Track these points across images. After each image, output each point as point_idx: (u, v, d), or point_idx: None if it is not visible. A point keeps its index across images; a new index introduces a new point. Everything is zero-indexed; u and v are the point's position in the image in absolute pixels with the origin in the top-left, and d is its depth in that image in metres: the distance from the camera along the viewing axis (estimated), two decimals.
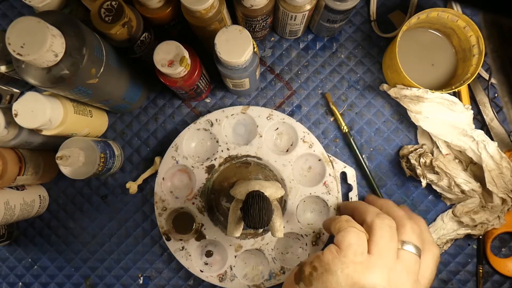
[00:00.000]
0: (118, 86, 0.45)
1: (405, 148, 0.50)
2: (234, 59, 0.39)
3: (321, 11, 0.45)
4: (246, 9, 0.43)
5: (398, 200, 0.51)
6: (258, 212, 0.38)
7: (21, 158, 0.46)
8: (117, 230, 0.53)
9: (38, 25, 0.32)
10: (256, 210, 0.38)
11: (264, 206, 0.38)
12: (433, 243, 0.40)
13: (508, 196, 0.46)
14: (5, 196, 0.45)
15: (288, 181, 0.48)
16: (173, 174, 0.50)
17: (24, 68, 0.35)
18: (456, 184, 0.47)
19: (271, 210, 0.39)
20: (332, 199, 0.48)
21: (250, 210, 0.38)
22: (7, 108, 0.41)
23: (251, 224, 0.38)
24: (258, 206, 0.38)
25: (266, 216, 0.38)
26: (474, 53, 0.46)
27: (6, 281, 0.53)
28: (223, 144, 0.49)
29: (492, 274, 0.50)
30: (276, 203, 0.43)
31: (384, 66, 0.52)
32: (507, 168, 0.46)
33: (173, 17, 0.44)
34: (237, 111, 0.49)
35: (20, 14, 0.55)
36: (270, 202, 0.39)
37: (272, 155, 0.49)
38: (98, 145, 0.46)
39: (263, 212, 0.38)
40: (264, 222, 0.38)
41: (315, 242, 0.48)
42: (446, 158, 0.48)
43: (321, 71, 0.53)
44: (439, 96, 0.45)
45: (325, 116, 0.52)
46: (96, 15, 0.38)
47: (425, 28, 0.50)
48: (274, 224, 0.41)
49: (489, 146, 0.46)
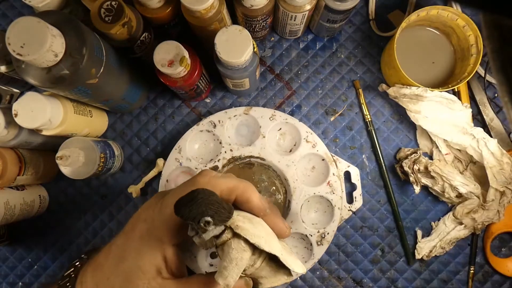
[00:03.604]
0: (118, 86, 0.45)
1: (402, 151, 0.50)
2: (234, 59, 0.39)
3: (321, 11, 0.45)
4: (246, 9, 0.43)
5: (398, 200, 0.51)
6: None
7: (21, 158, 0.46)
8: (117, 230, 0.53)
9: (38, 25, 0.32)
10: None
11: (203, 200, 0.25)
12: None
13: (508, 188, 0.46)
14: (5, 196, 0.45)
15: (292, 181, 0.48)
16: (177, 176, 0.50)
17: (24, 68, 0.35)
18: (453, 187, 0.47)
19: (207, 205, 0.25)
20: (336, 198, 0.48)
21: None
22: (7, 108, 0.41)
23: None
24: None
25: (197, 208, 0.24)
26: (472, 52, 0.46)
27: (6, 281, 0.53)
28: (226, 145, 0.49)
29: (492, 274, 0.50)
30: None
31: (382, 63, 0.52)
32: (508, 163, 0.46)
33: (173, 17, 0.44)
34: (239, 112, 0.49)
35: (20, 14, 0.55)
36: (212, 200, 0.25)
37: (276, 155, 0.49)
38: (98, 145, 0.46)
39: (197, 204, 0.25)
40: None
41: (320, 242, 0.48)
42: (441, 162, 0.48)
43: (321, 71, 0.53)
44: (438, 95, 0.45)
45: (325, 116, 0.52)
46: (96, 15, 0.38)
47: (424, 26, 0.50)
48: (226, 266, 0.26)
49: (490, 143, 0.46)
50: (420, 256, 0.50)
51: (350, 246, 0.51)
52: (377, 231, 0.51)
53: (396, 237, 0.51)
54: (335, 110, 0.52)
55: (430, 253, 0.49)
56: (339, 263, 0.51)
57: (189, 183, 0.29)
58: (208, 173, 0.30)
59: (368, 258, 0.51)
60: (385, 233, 0.51)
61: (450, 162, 0.49)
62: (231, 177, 0.31)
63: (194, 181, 0.29)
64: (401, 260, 0.51)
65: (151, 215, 0.29)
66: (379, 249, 0.51)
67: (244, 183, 0.30)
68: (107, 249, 0.30)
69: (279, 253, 0.28)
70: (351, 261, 0.51)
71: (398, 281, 0.51)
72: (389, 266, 0.51)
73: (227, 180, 0.29)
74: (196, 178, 0.29)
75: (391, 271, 0.51)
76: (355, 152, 0.52)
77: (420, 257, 0.50)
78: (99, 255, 0.30)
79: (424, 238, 0.50)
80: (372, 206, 0.51)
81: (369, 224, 0.51)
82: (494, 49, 0.18)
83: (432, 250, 0.49)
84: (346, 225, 0.51)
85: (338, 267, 0.51)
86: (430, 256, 0.49)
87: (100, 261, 0.30)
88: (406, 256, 0.51)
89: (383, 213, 0.51)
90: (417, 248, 0.50)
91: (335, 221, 0.48)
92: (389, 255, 0.51)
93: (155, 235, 0.28)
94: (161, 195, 0.31)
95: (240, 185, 0.29)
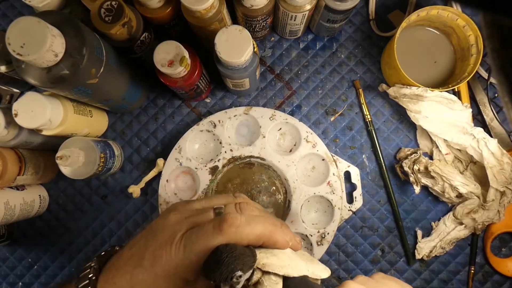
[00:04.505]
0: (118, 86, 0.45)
1: (402, 151, 0.50)
2: (234, 59, 0.39)
3: (321, 11, 0.45)
4: (246, 9, 0.43)
5: (398, 200, 0.51)
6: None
7: (21, 158, 0.46)
8: (117, 230, 0.53)
9: (38, 25, 0.32)
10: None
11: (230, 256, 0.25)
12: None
13: (508, 188, 0.46)
14: (5, 196, 0.45)
15: (292, 181, 0.48)
16: (177, 176, 0.50)
17: (24, 68, 0.35)
18: (454, 187, 0.47)
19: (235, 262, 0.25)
20: (336, 198, 0.48)
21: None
22: (7, 108, 0.41)
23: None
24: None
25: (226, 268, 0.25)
26: (472, 52, 0.46)
27: (6, 281, 0.53)
28: (227, 145, 0.49)
29: (492, 274, 0.50)
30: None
31: (382, 63, 0.52)
32: (508, 163, 0.46)
33: (173, 17, 0.44)
34: (239, 112, 0.49)
35: (20, 14, 0.55)
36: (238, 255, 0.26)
37: (276, 155, 0.49)
38: (98, 145, 0.45)
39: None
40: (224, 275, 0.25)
41: (320, 242, 0.48)
42: (441, 162, 0.48)
43: (321, 71, 0.53)
44: (438, 95, 0.45)
45: (325, 116, 0.52)
46: (96, 15, 0.38)
47: (425, 26, 0.50)
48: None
49: (490, 143, 0.46)
50: (420, 256, 0.50)
51: (350, 246, 0.51)
52: (377, 231, 0.51)
53: (396, 237, 0.51)
54: (335, 110, 0.52)
55: (430, 253, 0.49)
56: (339, 263, 0.51)
57: (215, 232, 0.28)
58: (234, 221, 0.29)
59: (368, 258, 0.51)
60: (385, 233, 0.51)
61: (450, 162, 0.49)
62: (254, 220, 0.30)
63: (221, 230, 0.28)
64: (401, 260, 0.51)
65: (174, 259, 0.28)
66: (379, 249, 0.51)
67: (268, 227, 0.30)
68: (128, 280, 0.29)
69: (307, 272, 0.29)
70: (351, 261, 0.51)
71: None
72: (389, 266, 0.51)
73: (253, 226, 0.29)
74: (223, 228, 0.28)
75: (391, 271, 0.51)
76: (355, 152, 0.52)
77: (420, 257, 0.50)
78: (118, 282, 0.29)
79: (424, 238, 0.50)
80: (372, 206, 0.51)
81: (369, 224, 0.51)
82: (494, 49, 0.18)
83: (432, 250, 0.49)
84: (346, 225, 0.51)
85: (338, 267, 0.51)
86: (430, 256, 0.49)
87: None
88: (406, 256, 0.51)
89: (383, 213, 0.51)
90: (417, 248, 0.50)
91: (335, 221, 0.48)
92: (389, 255, 0.51)
93: (181, 277, 0.29)
94: (176, 228, 0.30)
95: (266, 231, 0.30)
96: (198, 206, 0.34)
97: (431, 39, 0.50)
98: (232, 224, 0.29)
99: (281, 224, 0.32)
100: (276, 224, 0.31)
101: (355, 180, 0.50)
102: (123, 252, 0.31)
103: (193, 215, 0.32)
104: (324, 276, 0.31)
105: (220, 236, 0.28)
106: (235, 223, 0.29)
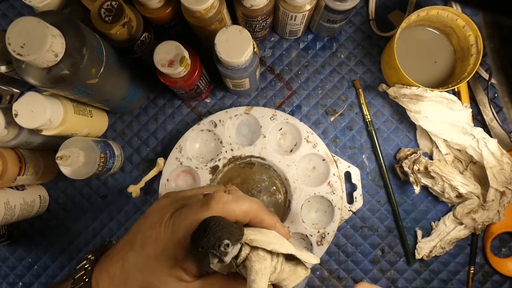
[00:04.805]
0: (118, 86, 0.45)
1: (402, 151, 0.50)
2: (234, 59, 0.39)
3: (321, 11, 0.45)
4: (246, 9, 0.43)
5: (398, 200, 0.51)
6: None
7: (21, 158, 0.46)
8: (117, 230, 0.53)
9: (38, 25, 0.32)
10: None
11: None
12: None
13: (508, 188, 0.46)
14: (5, 196, 0.45)
15: (292, 181, 0.48)
16: (177, 175, 0.50)
17: (24, 68, 0.35)
18: (453, 187, 0.47)
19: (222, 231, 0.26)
20: (336, 198, 0.48)
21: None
22: (7, 108, 0.41)
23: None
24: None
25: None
26: (472, 52, 0.46)
27: (6, 281, 0.53)
28: (227, 145, 0.49)
29: (492, 274, 0.50)
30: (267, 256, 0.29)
31: (382, 63, 0.52)
32: (508, 163, 0.46)
33: (173, 17, 0.44)
34: (240, 112, 0.49)
35: (20, 14, 0.55)
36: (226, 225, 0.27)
37: (276, 155, 0.49)
38: (98, 145, 0.46)
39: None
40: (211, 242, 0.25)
41: (320, 242, 0.48)
42: (441, 162, 0.48)
43: (321, 71, 0.53)
44: (438, 95, 0.45)
45: (325, 116, 0.52)
46: (96, 15, 0.38)
47: (424, 26, 0.50)
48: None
49: (490, 143, 0.46)
50: (420, 256, 0.50)
51: (350, 246, 0.51)
52: (377, 231, 0.51)
53: (396, 237, 0.51)
54: (335, 110, 0.52)
55: (430, 253, 0.49)
56: (339, 263, 0.51)
57: (202, 208, 0.29)
58: (220, 198, 0.29)
59: (368, 258, 0.51)
60: (385, 233, 0.51)
61: (450, 162, 0.49)
62: (241, 198, 0.31)
63: (208, 206, 0.29)
64: (401, 260, 0.51)
65: (163, 238, 0.29)
66: (379, 249, 0.51)
67: (255, 205, 0.31)
68: (120, 266, 0.29)
69: (295, 252, 0.29)
70: (351, 261, 0.51)
71: (398, 281, 0.51)
72: (389, 266, 0.51)
73: (240, 204, 0.30)
74: (210, 204, 0.29)
75: (391, 271, 0.51)
76: (355, 152, 0.52)
77: (420, 257, 0.50)
78: (111, 270, 0.30)
79: (424, 238, 0.50)
80: (372, 206, 0.51)
81: (369, 224, 0.51)
82: (494, 49, 0.18)
83: (432, 250, 0.49)
84: (346, 225, 0.51)
85: (338, 267, 0.51)
86: (430, 256, 0.49)
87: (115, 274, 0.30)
88: (406, 256, 0.51)
89: (383, 213, 0.51)
90: (417, 248, 0.50)
91: (335, 221, 0.48)
92: (389, 255, 0.51)
93: (171, 256, 0.29)
94: (165, 209, 0.31)
95: (253, 208, 0.30)
96: (189, 193, 0.34)
97: (431, 39, 0.50)
98: (219, 200, 0.29)
99: (269, 211, 0.33)
100: (263, 207, 0.32)
101: (355, 181, 0.50)
102: (118, 243, 0.32)
103: (183, 199, 0.33)
104: (313, 261, 0.31)
105: (207, 211, 0.28)
106: (222, 200, 0.29)
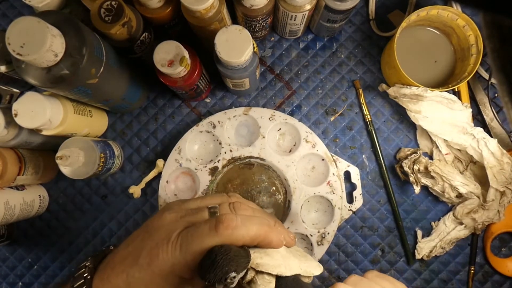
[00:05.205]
0: (118, 86, 0.45)
1: (402, 151, 0.50)
2: (234, 59, 0.39)
3: (321, 11, 0.45)
4: (246, 9, 0.43)
5: (398, 200, 0.51)
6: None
7: (21, 158, 0.46)
8: (117, 230, 0.53)
9: (38, 25, 0.32)
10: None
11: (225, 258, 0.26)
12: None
13: (508, 188, 0.46)
14: (5, 196, 0.45)
15: (291, 181, 0.48)
16: (177, 176, 0.50)
17: (24, 68, 0.35)
18: (453, 187, 0.47)
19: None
20: (336, 198, 0.48)
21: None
22: (7, 108, 0.41)
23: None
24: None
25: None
26: (472, 52, 0.46)
27: (6, 281, 0.53)
28: (226, 145, 0.49)
29: (492, 274, 0.50)
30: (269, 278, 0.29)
31: (382, 63, 0.52)
32: (508, 163, 0.46)
33: (173, 17, 0.44)
34: (239, 113, 0.49)
35: (20, 14, 0.55)
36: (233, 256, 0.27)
37: (275, 155, 0.49)
38: (98, 145, 0.46)
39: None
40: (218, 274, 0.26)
41: (320, 242, 0.48)
42: (441, 162, 0.48)
43: (321, 71, 0.53)
44: (438, 95, 0.45)
45: (325, 116, 0.52)
46: (96, 15, 0.38)
47: (424, 26, 0.50)
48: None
49: (490, 143, 0.46)
50: (420, 256, 0.50)
51: (350, 246, 0.51)
52: (377, 231, 0.51)
53: (396, 237, 0.51)
54: (335, 110, 0.52)
55: (430, 253, 0.49)
56: (339, 263, 0.51)
57: (211, 233, 0.29)
58: (230, 223, 0.29)
59: (368, 258, 0.51)
60: (385, 233, 0.51)
61: (450, 162, 0.49)
62: (249, 220, 0.30)
63: (217, 231, 0.29)
64: (401, 260, 0.51)
65: (170, 258, 0.29)
66: (379, 249, 0.51)
67: (263, 228, 0.30)
68: (124, 279, 0.29)
69: (300, 271, 0.30)
70: (351, 261, 0.51)
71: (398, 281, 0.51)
72: (389, 266, 0.51)
73: (248, 228, 0.30)
74: (219, 229, 0.29)
75: (391, 271, 0.51)
76: (355, 152, 0.52)
77: (420, 257, 0.50)
78: (113, 281, 0.29)
79: (424, 238, 0.50)
80: (372, 206, 0.51)
81: (369, 224, 0.51)
82: (494, 49, 0.18)
83: (432, 250, 0.49)
84: (346, 225, 0.51)
85: (338, 267, 0.51)
86: (430, 256, 0.49)
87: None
88: (406, 256, 0.51)
89: (383, 213, 0.51)
90: (417, 248, 0.50)
91: (335, 221, 0.48)
92: (389, 255, 0.51)
93: (177, 275, 0.29)
94: (171, 227, 0.30)
95: (261, 232, 0.30)
96: (193, 205, 0.34)
97: (431, 39, 0.50)
98: (228, 226, 0.29)
99: (275, 222, 0.33)
100: (270, 224, 0.31)
101: (355, 180, 0.50)
102: (118, 251, 0.31)
103: (188, 214, 0.32)
104: (317, 273, 0.32)
105: (216, 237, 0.28)
106: (231, 225, 0.29)
